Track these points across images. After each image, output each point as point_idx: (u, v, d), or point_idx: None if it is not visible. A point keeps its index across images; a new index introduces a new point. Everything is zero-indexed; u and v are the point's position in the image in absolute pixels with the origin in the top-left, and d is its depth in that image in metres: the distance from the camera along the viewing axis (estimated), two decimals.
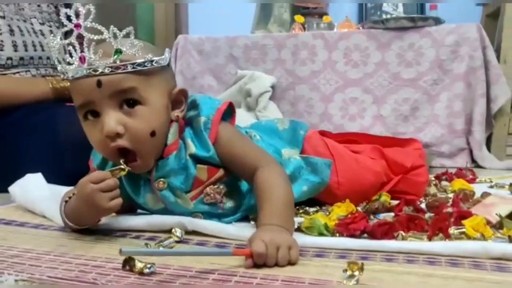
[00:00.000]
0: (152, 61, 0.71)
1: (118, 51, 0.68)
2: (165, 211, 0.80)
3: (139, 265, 0.57)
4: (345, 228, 0.70)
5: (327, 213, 0.83)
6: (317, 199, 0.93)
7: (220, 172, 0.79)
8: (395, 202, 0.89)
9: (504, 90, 1.74)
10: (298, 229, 0.74)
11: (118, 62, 0.68)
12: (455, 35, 1.77)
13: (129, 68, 0.69)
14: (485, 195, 0.98)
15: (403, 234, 0.69)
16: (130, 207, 0.85)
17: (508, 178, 1.33)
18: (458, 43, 1.77)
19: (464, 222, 0.71)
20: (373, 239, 0.69)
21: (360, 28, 1.95)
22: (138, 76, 0.70)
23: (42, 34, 1.34)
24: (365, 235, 0.70)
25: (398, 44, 1.83)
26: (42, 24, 1.36)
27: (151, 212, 0.82)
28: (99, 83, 0.68)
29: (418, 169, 1.04)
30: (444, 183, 1.18)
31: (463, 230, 0.70)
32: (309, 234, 0.73)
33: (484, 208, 0.78)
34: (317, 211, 0.86)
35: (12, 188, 0.98)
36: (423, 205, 0.90)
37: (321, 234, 0.72)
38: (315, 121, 1.88)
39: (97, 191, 0.68)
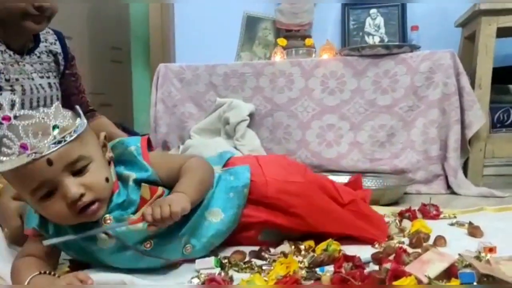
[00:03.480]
0: (81, 124, 0.77)
1: (56, 127, 0.72)
2: (118, 249, 0.83)
3: None
4: None
5: (271, 267, 0.86)
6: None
7: (160, 190, 0.86)
8: (351, 248, 0.92)
9: (478, 116, 1.75)
10: None
11: (58, 137, 0.72)
12: (429, 62, 1.79)
13: (70, 139, 0.73)
14: (438, 240, 1.01)
15: None
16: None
17: (474, 212, 1.34)
18: (432, 70, 1.78)
19: (395, 283, 0.74)
20: None
21: (338, 54, 1.97)
22: (76, 142, 0.75)
23: (42, 88, 1.31)
24: None
25: (373, 71, 1.85)
26: (42, 77, 1.32)
27: (104, 257, 0.84)
28: (49, 162, 0.71)
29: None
30: (405, 221, 1.20)
31: None
32: None
33: (420, 265, 0.80)
34: (261, 267, 0.89)
35: None
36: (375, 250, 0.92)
37: None
38: (292, 148, 1.91)
39: None
